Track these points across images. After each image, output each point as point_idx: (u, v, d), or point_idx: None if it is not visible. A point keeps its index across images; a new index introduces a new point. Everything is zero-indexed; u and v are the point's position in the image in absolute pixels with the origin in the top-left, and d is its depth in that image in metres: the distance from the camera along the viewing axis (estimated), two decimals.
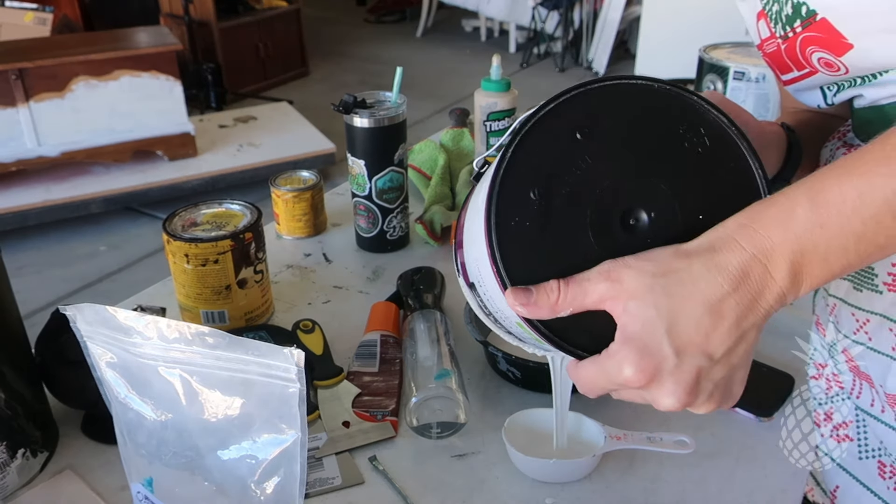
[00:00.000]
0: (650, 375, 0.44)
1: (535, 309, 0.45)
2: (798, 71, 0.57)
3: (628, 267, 0.45)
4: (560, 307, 0.45)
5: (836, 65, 0.53)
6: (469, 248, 0.52)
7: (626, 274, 0.44)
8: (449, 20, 5.96)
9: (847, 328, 0.62)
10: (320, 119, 3.57)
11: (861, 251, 0.44)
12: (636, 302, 0.44)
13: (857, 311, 0.60)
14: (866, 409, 0.64)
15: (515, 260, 0.46)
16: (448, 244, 1.06)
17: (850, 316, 0.61)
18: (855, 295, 0.60)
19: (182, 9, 3.95)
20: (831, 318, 0.64)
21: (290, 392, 0.50)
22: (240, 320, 0.88)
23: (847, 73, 0.54)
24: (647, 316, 0.43)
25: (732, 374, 0.45)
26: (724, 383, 0.45)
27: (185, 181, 3.05)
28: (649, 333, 0.43)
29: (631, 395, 0.47)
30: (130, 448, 0.58)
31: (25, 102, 2.75)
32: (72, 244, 2.88)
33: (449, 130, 1.28)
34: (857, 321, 0.61)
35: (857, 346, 0.61)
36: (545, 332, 0.47)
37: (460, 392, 0.71)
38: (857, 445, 0.67)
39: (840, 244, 0.43)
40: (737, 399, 0.47)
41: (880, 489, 0.65)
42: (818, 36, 0.53)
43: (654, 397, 0.45)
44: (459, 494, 0.67)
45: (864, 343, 0.60)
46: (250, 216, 0.88)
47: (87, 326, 0.55)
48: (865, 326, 0.60)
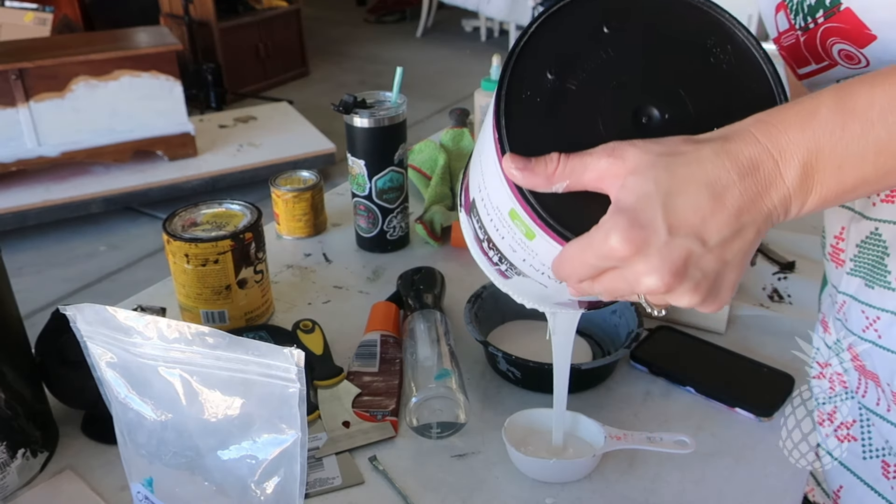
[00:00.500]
0: (637, 247, 0.41)
1: (531, 176, 0.44)
2: (816, 64, 0.57)
3: (633, 146, 0.43)
4: (557, 178, 0.44)
5: (858, 57, 0.53)
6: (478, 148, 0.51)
7: (630, 151, 0.43)
8: (449, 20, 5.96)
9: (856, 326, 0.61)
10: (320, 119, 3.56)
11: (879, 165, 0.42)
12: (635, 177, 0.42)
13: (867, 308, 0.60)
14: (872, 408, 0.64)
15: (519, 132, 0.45)
16: (448, 244, 1.06)
17: (860, 313, 0.61)
18: (866, 292, 0.60)
19: (182, 9, 3.95)
20: (839, 315, 0.64)
21: (290, 392, 0.50)
22: (240, 320, 0.88)
23: (867, 66, 0.53)
24: (645, 190, 0.42)
25: (723, 270, 0.43)
26: (712, 277, 0.43)
27: (185, 181, 3.04)
28: (643, 206, 0.41)
29: (613, 278, 0.44)
30: (130, 448, 0.58)
31: (25, 102, 2.75)
32: (72, 244, 2.88)
33: (449, 130, 1.28)
34: (866, 318, 0.60)
35: (864, 343, 0.61)
36: (536, 208, 0.45)
37: (460, 392, 0.71)
38: (860, 445, 0.67)
39: (859, 151, 0.41)
40: (723, 303, 0.45)
41: (884, 489, 0.65)
42: (841, 27, 0.52)
43: (637, 276, 0.43)
44: (459, 494, 0.67)
45: (873, 341, 0.60)
46: (250, 216, 0.88)
47: (87, 326, 0.55)
48: (875, 324, 0.59)
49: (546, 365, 0.74)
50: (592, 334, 0.87)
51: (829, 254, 0.63)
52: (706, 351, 0.83)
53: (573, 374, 0.75)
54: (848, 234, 0.60)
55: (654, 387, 0.79)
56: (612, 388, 0.79)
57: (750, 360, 0.81)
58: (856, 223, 0.59)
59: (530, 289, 0.54)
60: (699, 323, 0.87)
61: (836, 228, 0.61)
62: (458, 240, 1.05)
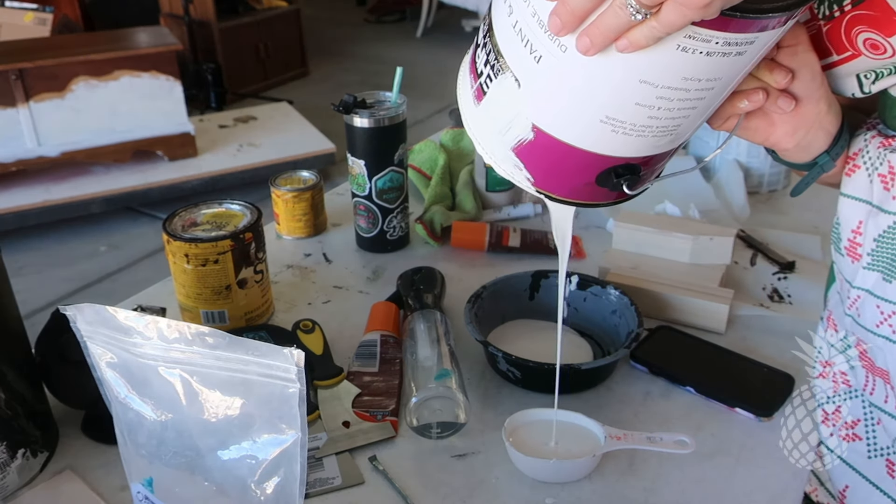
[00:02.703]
0: None
1: None
2: (838, 55, 0.56)
3: None
4: None
5: (884, 46, 0.52)
6: None
7: None
8: (449, 20, 5.95)
9: (869, 321, 0.61)
10: (320, 119, 3.56)
11: None
12: None
13: (883, 302, 0.60)
14: (880, 406, 0.64)
15: None
16: (448, 244, 1.06)
17: (875, 308, 0.60)
18: (883, 286, 0.59)
19: (182, 9, 3.95)
20: (850, 311, 0.63)
21: (290, 392, 0.50)
22: (240, 320, 0.88)
23: (893, 56, 0.53)
24: None
25: None
26: None
27: (185, 181, 3.04)
28: None
29: None
30: (130, 448, 0.58)
31: (25, 102, 2.75)
32: (72, 244, 2.88)
33: (449, 130, 1.28)
34: (881, 313, 0.60)
35: (876, 339, 0.61)
36: None
37: (460, 392, 0.71)
38: (865, 444, 0.67)
39: None
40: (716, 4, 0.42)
41: (889, 488, 0.65)
42: (869, 14, 0.51)
43: None
44: (459, 494, 0.67)
45: (888, 336, 0.60)
46: (250, 216, 0.88)
47: (87, 326, 0.55)
48: (890, 319, 0.59)
49: (546, 365, 0.75)
50: (592, 334, 0.87)
51: (846, 248, 0.62)
52: (706, 351, 0.83)
53: (573, 374, 0.75)
54: (865, 228, 0.60)
55: (654, 387, 0.79)
56: (612, 388, 0.79)
57: (750, 360, 0.81)
58: (874, 217, 0.59)
59: (500, 110, 0.51)
60: (699, 323, 0.87)
61: (853, 222, 0.61)
62: (458, 240, 1.05)
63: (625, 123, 0.48)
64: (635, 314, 0.81)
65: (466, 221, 1.08)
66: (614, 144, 0.50)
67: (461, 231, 1.05)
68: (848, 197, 0.61)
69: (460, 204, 1.13)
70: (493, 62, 0.50)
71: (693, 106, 0.48)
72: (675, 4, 0.41)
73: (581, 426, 0.70)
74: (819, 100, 0.58)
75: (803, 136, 0.59)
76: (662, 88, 0.46)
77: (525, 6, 0.46)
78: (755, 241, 1.04)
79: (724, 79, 0.48)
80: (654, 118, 0.48)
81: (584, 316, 0.87)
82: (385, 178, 1.01)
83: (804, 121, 0.58)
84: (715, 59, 0.45)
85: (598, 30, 0.44)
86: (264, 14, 4.45)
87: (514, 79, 0.49)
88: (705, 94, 0.48)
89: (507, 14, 0.48)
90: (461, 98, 0.56)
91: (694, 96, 0.47)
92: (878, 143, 0.59)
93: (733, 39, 0.44)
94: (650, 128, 0.48)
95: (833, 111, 0.59)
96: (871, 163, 0.59)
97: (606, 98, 0.47)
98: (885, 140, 0.59)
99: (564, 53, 0.45)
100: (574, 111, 0.48)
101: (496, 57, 0.49)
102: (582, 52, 0.44)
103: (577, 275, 0.88)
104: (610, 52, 0.44)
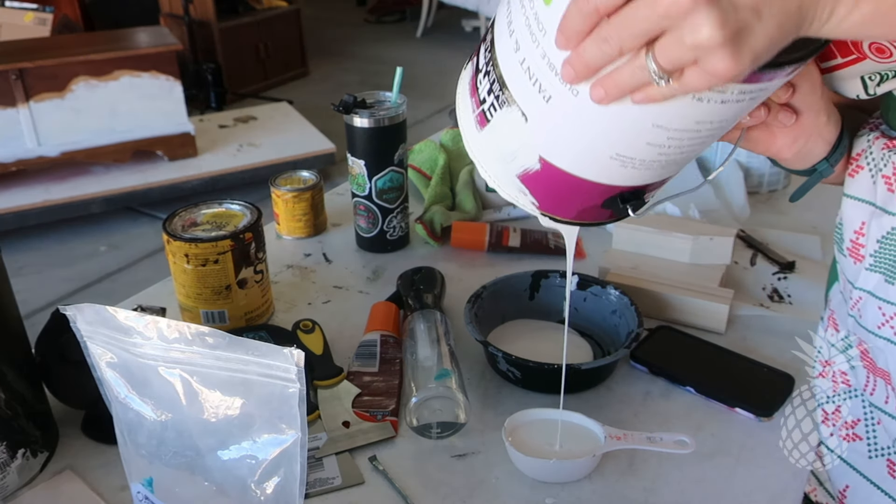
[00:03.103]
0: None
1: None
2: (842, 58, 0.55)
3: None
4: None
5: (889, 50, 0.52)
6: None
7: None
8: (449, 20, 5.95)
9: (871, 322, 0.61)
10: (320, 119, 3.56)
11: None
12: None
13: (885, 304, 0.59)
14: (880, 406, 0.64)
15: None
16: (448, 244, 1.06)
17: (877, 309, 0.60)
18: (885, 288, 0.59)
19: (182, 9, 3.95)
20: (852, 311, 0.63)
21: (290, 392, 0.51)
22: (240, 320, 0.88)
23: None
24: None
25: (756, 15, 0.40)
26: (743, 16, 0.39)
27: (185, 181, 3.04)
28: None
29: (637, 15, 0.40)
30: (130, 448, 0.58)
31: (25, 102, 2.75)
32: (72, 244, 2.88)
33: (449, 130, 1.28)
34: (883, 315, 0.60)
35: (878, 340, 0.61)
36: None
37: (460, 392, 0.71)
38: (865, 444, 0.67)
39: None
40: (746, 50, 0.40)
41: (890, 488, 0.65)
42: None
43: None
44: (459, 494, 0.67)
45: (888, 338, 0.60)
46: (250, 216, 0.88)
47: (87, 326, 0.55)
48: (892, 321, 0.59)
49: (546, 365, 0.75)
50: (592, 334, 0.87)
51: (848, 249, 0.62)
52: (706, 351, 0.83)
53: (574, 374, 0.75)
54: (868, 229, 0.60)
55: (654, 387, 0.79)
56: (612, 388, 0.79)
57: (750, 360, 0.81)
58: (877, 218, 0.59)
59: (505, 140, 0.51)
60: (699, 323, 0.87)
61: (856, 223, 0.61)
62: (458, 240, 1.05)
63: (634, 160, 0.48)
64: (635, 314, 0.81)
65: (466, 221, 1.08)
66: (623, 176, 0.50)
67: (461, 231, 1.05)
68: (851, 198, 0.61)
69: (460, 204, 1.13)
70: (497, 92, 0.50)
71: (703, 142, 0.49)
72: (701, 72, 0.40)
73: (581, 426, 0.70)
74: (819, 112, 0.58)
75: (803, 146, 0.60)
76: (675, 130, 0.46)
77: (534, 47, 0.45)
78: (755, 241, 1.04)
79: (736, 118, 0.49)
80: (664, 154, 0.48)
81: (585, 316, 0.87)
82: (385, 178, 1.01)
83: (804, 132, 0.59)
84: (729, 105, 0.45)
85: (614, 83, 0.43)
86: (264, 14, 4.45)
87: (521, 113, 0.48)
88: (716, 131, 0.49)
89: (512, 50, 0.47)
90: (461, 118, 0.55)
91: (705, 135, 0.48)
92: (881, 144, 0.59)
93: (749, 89, 0.45)
94: (659, 161, 0.49)
95: (832, 120, 0.60)
96: (875, 164, 0.59)
97: (617, 138, 0.47)
98: (890, 141, 0.59)
99: (576, 97, 0.45)
100: (583, 150, 0.49)
101: (500, 88, 0.49)
102: (595, 102, 0.44)
103: (578, 275, 0.88)
104: (624, 99, 0.44)
